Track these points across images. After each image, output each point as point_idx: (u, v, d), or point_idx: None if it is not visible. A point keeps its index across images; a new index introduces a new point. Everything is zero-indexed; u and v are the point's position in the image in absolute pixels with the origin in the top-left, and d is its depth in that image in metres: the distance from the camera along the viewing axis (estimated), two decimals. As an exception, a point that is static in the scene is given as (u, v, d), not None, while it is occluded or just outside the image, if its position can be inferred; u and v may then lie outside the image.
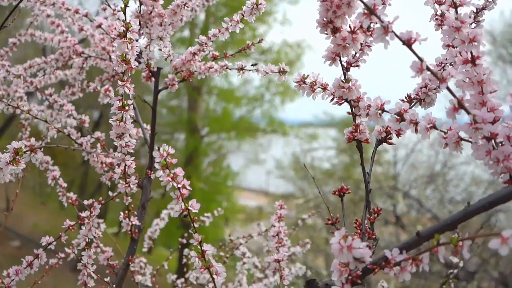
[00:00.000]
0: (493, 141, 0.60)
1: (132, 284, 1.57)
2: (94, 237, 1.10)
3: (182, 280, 1.49)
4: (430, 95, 0.77)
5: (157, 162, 0.69)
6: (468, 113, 0.58)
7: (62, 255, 1.27)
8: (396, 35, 0.57)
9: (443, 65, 0.79)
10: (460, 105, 0.58)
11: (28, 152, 0.76)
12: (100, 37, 1.26)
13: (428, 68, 0.57)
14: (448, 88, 0.58)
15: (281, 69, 0.95)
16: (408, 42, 0.57)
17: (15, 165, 0.74)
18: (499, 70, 9.53)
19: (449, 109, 0.60)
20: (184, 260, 1.46)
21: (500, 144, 0.60)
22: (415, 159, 8.30)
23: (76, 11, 1.19)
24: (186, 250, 1.35)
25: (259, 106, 11.98)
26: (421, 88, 0.78)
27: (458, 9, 0.64)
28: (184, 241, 1.59)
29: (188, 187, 0.71)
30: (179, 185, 0.70)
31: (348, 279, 0.61)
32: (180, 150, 11.80)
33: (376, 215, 0.72)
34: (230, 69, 1.09)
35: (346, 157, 10.78)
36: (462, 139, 0.62)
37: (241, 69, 1.06)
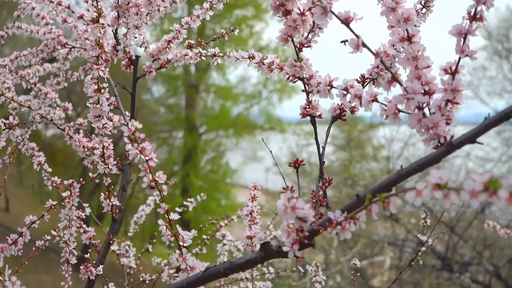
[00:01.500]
0: (427, 110, 0.66)
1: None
2: (77, 217, 1.16)
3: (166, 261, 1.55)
4: (382, 75, 0.83)
5: (126, 136, 0.75)
6: (401, 85, 0.64)
7: (48, 237, 1.33)
8: (335, 15, 0.63)
9: (394, 46, 0.85)
10: (394, 78, 0.64)
11: (7, 130, 0.82)
12: (83, 28, 1.31)
13: (364, 45, 0.63)
14: (383, 63, 0.64)
15: (251, 55, 1.01)
16: (346, 21, 0.63)
17: (-5, 142, 0.80)
18: (495, 65, 9.56)
19: (384, 81, 0.65)
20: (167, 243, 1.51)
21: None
22: (411, 154, 8.36)
23: (59, 3, 1.25)
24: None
25: (257, 104, 12.05)
26: (373, 68, 0.84)
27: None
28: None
29: (155, 160, 0.77)
30: (147, 158, 0.76)
31: (296, 240, 0.66)
32: (179, 148, 11.87)
33: (328, 184, 0.78)
34: (204, 56, 1.15)
35: (343, 154, 10.84)
36: (400, 110, 0.68)
37: (214, 55, 1.12)
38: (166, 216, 0.79)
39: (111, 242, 1.16)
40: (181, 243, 0.79)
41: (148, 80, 10.82)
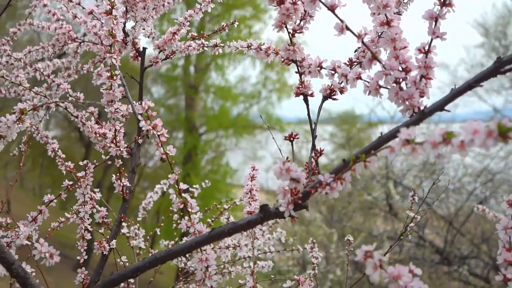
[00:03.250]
0: (404, 85, 0.75)
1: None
2: (90, 197, 1.25)
3: (173, 242, 1.64)
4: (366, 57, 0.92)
5: (139, 114, 0.84)
6: (380, 62, 0.73)
7: (62, 219, 1.42)
8: (322, 2, 0.72)
9: (379, 33, 0.94)
10: (373, 56, 0.73)
11: (32, 111, 0.91)
12: (92, 23, 1.40)
13: (347, 28, 0.72)
14: (364, 44, 0.73)
15: (249, 44, 1.10)
16: (331, 8, 0.72)
17: (20, 123, 0.89)
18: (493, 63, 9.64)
19: (365, 60, 0.75)
20: (174, 225, 1.61)
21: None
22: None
23: (70, 0, 1.34)
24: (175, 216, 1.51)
25: (256, 103, 12.16)
26: (360, 52, 0.93)
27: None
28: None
29: (166, 135, 0.86)
30: (159, 133, 0.85)
31: (291, 200, 0.76)
32: (179, 148, 11.96)
33: (319, 154, 0.87)
34: (206, 47, 1.24)
35: (343, 152, 10.94)
36: (381, 86, 0.77)
37: (215, 46, 1.22)
38: (176, 186, 0.88)
39: (122, 220, 1.25)
40: (189, 210, 0.88)
41: (148, 81, 10.92)
